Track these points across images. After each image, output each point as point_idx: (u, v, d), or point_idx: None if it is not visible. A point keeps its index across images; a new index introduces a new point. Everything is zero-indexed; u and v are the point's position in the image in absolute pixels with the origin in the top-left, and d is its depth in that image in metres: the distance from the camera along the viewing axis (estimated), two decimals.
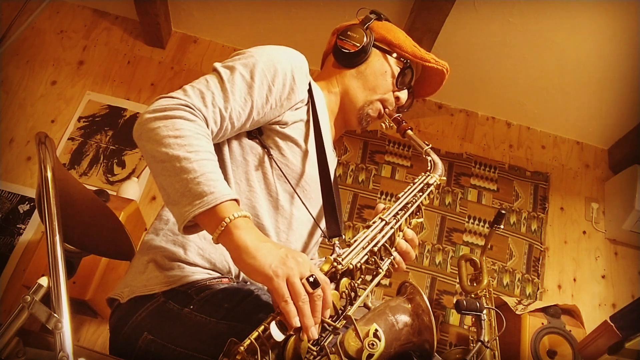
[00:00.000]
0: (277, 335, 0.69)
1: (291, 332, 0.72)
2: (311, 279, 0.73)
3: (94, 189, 2.04)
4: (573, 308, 2.06)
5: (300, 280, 0.73)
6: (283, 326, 0.71)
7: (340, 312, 0.83)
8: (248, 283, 0.99)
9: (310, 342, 0.75)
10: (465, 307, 1.30)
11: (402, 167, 2.69)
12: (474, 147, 2.80)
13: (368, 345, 0.74)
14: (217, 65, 1.00)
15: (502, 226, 1.91)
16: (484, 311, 1.34)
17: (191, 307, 0.89)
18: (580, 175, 2.81)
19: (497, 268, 2.50)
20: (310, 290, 0.73)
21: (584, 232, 2.66)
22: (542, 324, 1.98)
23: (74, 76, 2.68)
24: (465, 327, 2.35)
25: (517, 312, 2.02)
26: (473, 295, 1.94)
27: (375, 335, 0.76)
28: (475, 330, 1.79)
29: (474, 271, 2.03)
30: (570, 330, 1.97)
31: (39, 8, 2.77)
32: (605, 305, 2.50)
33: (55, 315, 0.68)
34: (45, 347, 0.75)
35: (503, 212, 1.87)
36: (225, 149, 1.04)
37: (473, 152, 2.78)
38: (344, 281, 0.84)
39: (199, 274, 0.94)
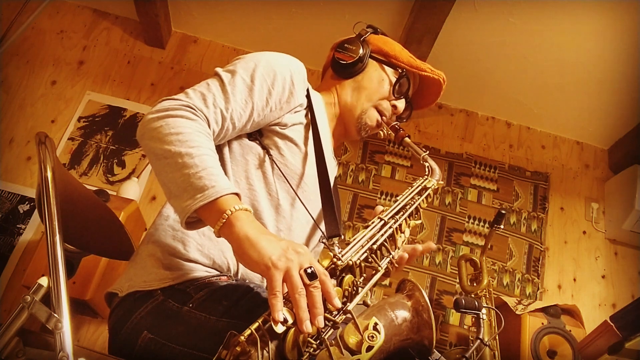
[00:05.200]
0: (277, 327, 0.69)
1: (291, 324, 0.72)
2: (309, 271, 0.73)
3: (94, 189, 2.04)
4: (573, 308, 2.06)
5: (299, 271, 0.73)
6: (283, 317, 0.70)
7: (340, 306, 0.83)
8: (247, 281, 1.00)
9: (309, 334, 0.75)
10: (463, 305, 1.30)
11: (402, 167, 2.69)
12: (474, 147, 2.80)
13: (368, 337, 0.75)
14: (219, 69, 1.02)
15: (502, 226, 1.91)
16: (483, 310, 1.35)
17: (190, 305, 0.89)
18: (580, 175, 2.81)
19: (497, 268, 2.50)
20: (307, 281, 0.72)
21: (584, 232, 2.66)
22: (542, 324, 1.98)
23: (74, 76, 2.68)
24: (465, 327, 2.35)
25: (517, 312, 2.02)
26: (473, 295, 1.94)
27: (375, 328, 0.76)
28: (475, 330, 1.79)
29: (474, 271, 2.03)
30: (570, 330, 1.97)
31: (39, 8, 2.76)
32: (605, 305, 2.50)
33: (55, 315, 0.68)
34: (45, 347, 0.75)
35: (503, 212, 1.87)
36: (226, 148, 1.06)
37: (473, 152, 2.78)
38: (348, 278, 0.84)
39: (197, 272, 0.95)
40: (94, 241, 1.32)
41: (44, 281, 0.70)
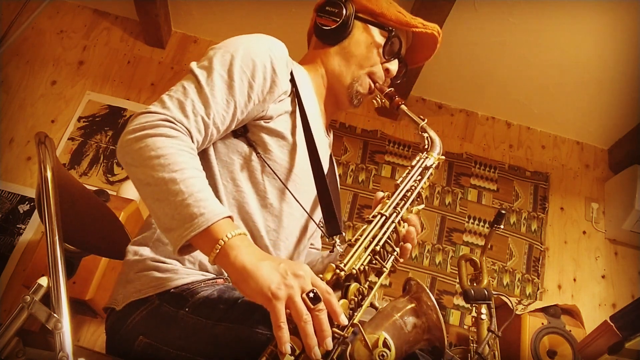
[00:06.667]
0: (285, 359, 0.68)
1: (299, 353, 0.70)
2: (311, 295, 0.71)
3: (94, 189, 2.04)
4: (573, 308, 2.06)
5: (301, 296, 0.71)
6: (292, 347, 0.69)
7: (348, 317, 0.80)
8: None
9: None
10: (473, 296, 1.28)
11: (402, 167, 2.69)
12: (474, 147, 2.80)
13: (378, 356, 0.73)
14: (193, 66, 0.96)
15: (502, 226, 1.90)
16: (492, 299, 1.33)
17: (186, 309, 0.87)
18: (580, 175, 2.81)
19: (497, 268, 2.50)
20: (311, 306, 0.70)
21: (584, 232, 2.66)
22: (542, 324, 1.98)
23: (74, 76, 2.68)
24: (465, 327, 2.35)
25: (517, 312, 2.02)
26: None
27: (385, 344, 0.74)
28: (475, 330, 1.79)
29: (474, 271, 2.03)
30: (570, 330, 1.97)
31: (39, 8, 2.77)
32: (605, 305, 2.50)
33: (55, 315, 0.68)
34: (45, 347, 0.74)
35: (503, 212, 1.87)
36: (211, 150, 1.01)
37: (473, 152, 2.78)
38: (353, 287, 0.81)
39: (193, 276, 0.93)
40: (94, 241, 1.32)
41: (44, 281, 0.70)
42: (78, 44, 2.77)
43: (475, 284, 1.98)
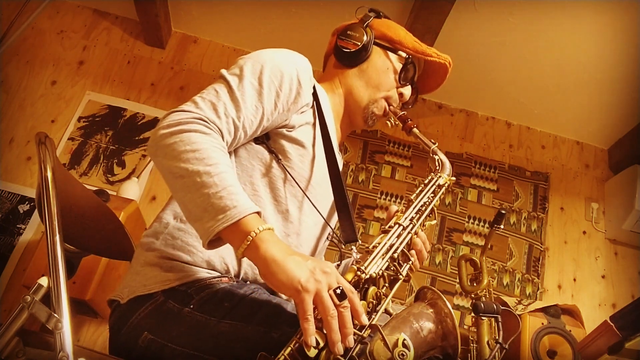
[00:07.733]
0: (310, 351, 0.70)
1: (322, 347, 0.72)
2: (338, 291, 0.73)
3: (94, 189, 2.03)
4: (573, 308, 2.06)
5: (328, 292, 0.74)
6: (315, 340, 0.71)
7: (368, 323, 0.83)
8: (248, 282, 0.99)
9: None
10: (482, 309, 1.30)
11: (402, 167, 2.69)
12: (474, 147, 2.80)
13: (398, 355, 0.75)
14: (224, 72, 0.99)
15: (502, 226, 1.90)
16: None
17: (191, 306, 0.89)
18: (580, 175, 2.81)
19: (497, 268, 2.50)
20: (337, 302, 0.73)
21: (584, 232, 2.66)
22: (542, 324, 1.98)
23: (74, 76, 2.68)
24: (466, 327, 2.35)
25: (517, 312, 2.02)
26: (473, 295, 1.95)
27: (404, 344, 0.76)
28: (475, 330, 1.79)
29: (474, 271, 2.03)
30: (570, 330, 1.97)
31: (39, 8, 2.77)
32: (605, 305, 2.50)
33: (55, 315, 0.68)
34: (45, 347, 0.75)
35: (503, 212, 1.87)
36: (232, 154, 1.03)
37: (473, 152, 2.78)
38: (371, 290, 0.84)
39: (199, 273, 0.94)
40: (94, 241, 1.32)
41: (44, 281, 0.70)
42: (78, 44, 2.77)
43: (475, 284, 1.98)
